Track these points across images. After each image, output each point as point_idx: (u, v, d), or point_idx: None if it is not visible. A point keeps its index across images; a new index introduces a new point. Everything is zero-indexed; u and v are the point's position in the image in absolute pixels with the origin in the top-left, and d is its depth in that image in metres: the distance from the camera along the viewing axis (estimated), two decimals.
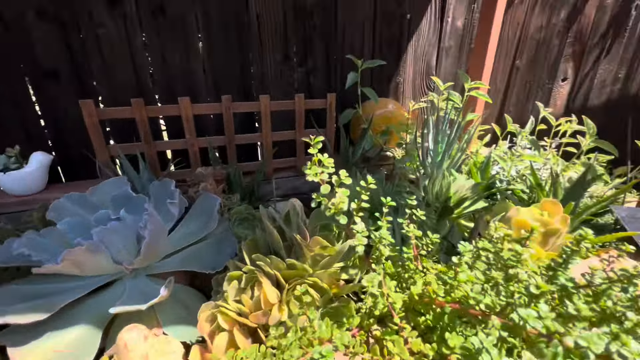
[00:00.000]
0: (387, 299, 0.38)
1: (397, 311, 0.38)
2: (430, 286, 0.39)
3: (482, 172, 0.95)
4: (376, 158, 1.07)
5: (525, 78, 1.50)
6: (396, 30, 1.17)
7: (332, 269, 0.43)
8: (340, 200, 0.36)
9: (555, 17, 1.42)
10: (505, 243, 0.43)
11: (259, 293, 0.40)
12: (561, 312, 0.33)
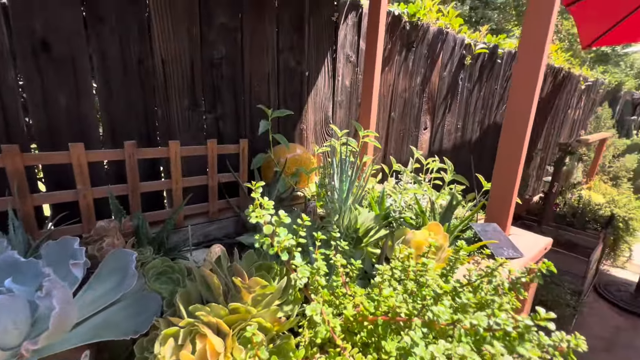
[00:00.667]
0: (329, 324, 0.42)
1: (337, 334, 0.43)
2: (362, 306, 0.45)
3: (380, 205, 1.12)
4: (289, 198, 1.13)
5: (399, 127, 1.86)
6: (298, 85, 1.32)
7: (273, 307, 0.45)
8: (286, 238, 0.39)
9: (414, 81, 1.84)
10: (411, 260, 0.54)
11: (202, 345, 0.38)
12: (456, 305, 0.43)
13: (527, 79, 0.88)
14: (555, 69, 3.42)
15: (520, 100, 0.90)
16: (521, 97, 0.89)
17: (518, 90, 0.90)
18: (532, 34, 0.86)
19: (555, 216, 3.06)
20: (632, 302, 2.44)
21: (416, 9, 1.62)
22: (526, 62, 0.87)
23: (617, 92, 6.05)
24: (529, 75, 0.87)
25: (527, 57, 0.87)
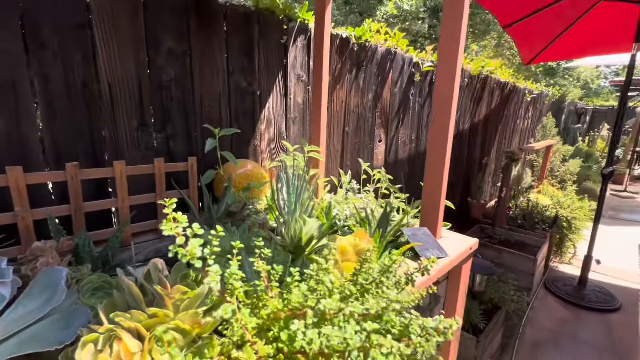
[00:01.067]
0: (240, 322, 0.48)
1: (249, 330, 0.48)
2: (272, 305, 0.51)
3: (327, 215, 1.19)
4: (240, 212, 1.18)
5: (354, 140, 1.97)
6: (250, 104, 1.39)
7: (191, 311, 0.50)
8: (193, 247, 0.45)
9: (366, 98, 1.97)
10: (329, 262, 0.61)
11: (119, 347, 0.42)
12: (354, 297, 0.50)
13: (445, 95, 1.00)
14: (502, 83, 3.73)
15: (441, 114, 1.01)
16: (441, 112, 1.01)
17: (438, 106, 1.01)
18: (446, 53, 0.98)
19: (508, 219, 3.28)
20: (575, 294, 2.66)
21: (362, 32, 1.75)
22: (443, 81, 0.99)
23: (562, 103, 6.63)
24: (447, 92, 0.99)
25: (443, 76, 0.99)
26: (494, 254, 2.74)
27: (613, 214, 5.13)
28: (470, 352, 1.64)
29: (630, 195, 6.13)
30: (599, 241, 3.91)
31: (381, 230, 0.98)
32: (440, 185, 1.03)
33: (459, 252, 0.99)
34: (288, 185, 1.14)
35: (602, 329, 2.32)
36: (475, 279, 1.77)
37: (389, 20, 6.92)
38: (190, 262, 0.47)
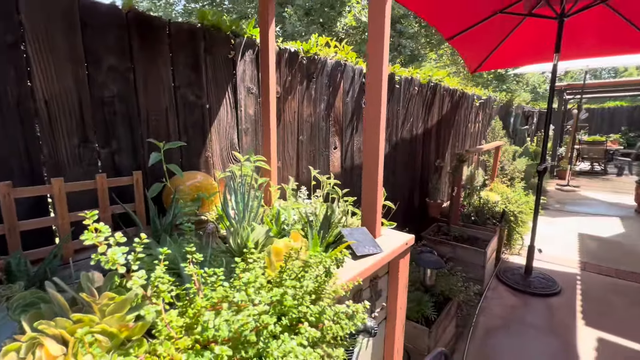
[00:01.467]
0: (165, 322, 0.52)
1: (174, 328, 0.53)
2: (198, 303, 0.55)
3: (276, 221, 1.24)
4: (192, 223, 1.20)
5: (309, 148, 2.05)
6: (199, 117, 1.43)
7: (119, 314, 0.53)
8: (113, 253, 0.49)
9: (318, 107, 2.06)
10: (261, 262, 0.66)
11: (41, 353, 0.44)
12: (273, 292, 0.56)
13: (375, 104, 1.09)
14: (451, 90, 4.01)
15: (371, 122, 1.11)
16: (372, 123, 1.11)
17: (369, 114, 1.11)
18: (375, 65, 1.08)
19: (462, 216, 3.51)
20: (522, 282, 2.89)
21: (309, 47, 1.85)
22: (373, 89, 1.09)
23: (509, 107, 7.18)
24: (376, 101, 1.09)
25: (372, 86, 1.10)
26: (449, 250, 2.92)
27: (559, 206, 5.60)
28: (423, 342, 1.74)
29: (572, 189, 6.73)
30: (546, 231, 4.28)
31: (322, 232, 1.06)
32: (376, 189, 1.12)
33: (395, 247, 1.08)
34: (237, 195, 1.19)
35: (546, 312, 2.54)
36: (426, 274, 1.89)
37: (348, 31, 7.18)
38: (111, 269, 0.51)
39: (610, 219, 4.77)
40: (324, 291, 0.66)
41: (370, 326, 0.94)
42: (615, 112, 12.37)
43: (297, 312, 0.57)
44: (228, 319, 0.43)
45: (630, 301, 2.65)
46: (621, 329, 2.29)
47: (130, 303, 0.55)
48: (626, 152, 8.84)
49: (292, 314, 0.57)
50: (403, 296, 1.20)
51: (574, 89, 7.76)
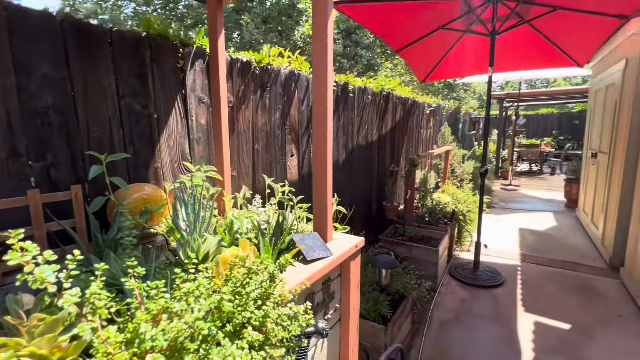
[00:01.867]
0: (100, 338, 0.51)
1: (112, 345, 0.52)
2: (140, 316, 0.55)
3: (229, 230, 1.24)
4: (138, 237, 1.16)
5: (265, 157, 2.06)
6: (146, 127, 1.39)
7: (49, 335, 0.51)
8: (40, 272, 0.47)
9: (273, 116, 2.09)
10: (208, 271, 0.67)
11: None
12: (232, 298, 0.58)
13: (321, 113, 1.15)
14: (403, 98, 4.24)
15: (318, 130, 1.16)
16: (319, 128, 1.16)
17: (317, 123, 1.17)
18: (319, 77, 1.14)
19: (417, 217, 3.71)
20: (471, 276, 3.12)
21: (262, 57, 1.88)
22: (318, 99, 1.15)
23: (458, 114, 7.74)
24: (322, 110, 1.15)
25: (318, 97, 1.15)
26: (405, 250, 3.07)
27: (503, 204, 6.12)
28: (380, 340, 1.82)
29: (514, 188, 7.39)
30: (492, 228, 4.65)
31: (274, 239, 1.08)
32: (326, 195, 1.17)
33: (345, 250, 1.14)
34: (187, 206, 1.17)
35: (491, 302, 2.77)
36: (382, 274, 1.98)
37: (306, 40, 7.32)
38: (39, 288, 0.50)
39: (545, 214, 5.31)
40: (270, 296, 0.68)
41: (321, 327, 0.98)
42: (548, 117, 13.83)
43: (241, 318, 0.59)
44: (164, 328, 0.44)
45: (560, 287, 2.97)
46: (553, 312, 2.56)
47: (63, 323, 0.54)
48: (557, 154, 9.90)
49: (235, 320, 0.59)
50: (355, 297, 1.25)
51: (511, 97, 8.57)
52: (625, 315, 2.50)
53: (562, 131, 13.02)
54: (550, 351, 2.14)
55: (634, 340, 2.22)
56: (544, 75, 7.06)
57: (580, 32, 2.97)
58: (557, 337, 2.28)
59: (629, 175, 3.04)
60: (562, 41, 3.22)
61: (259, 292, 0.66)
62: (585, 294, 2.83)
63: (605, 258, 3.44)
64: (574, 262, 3.47)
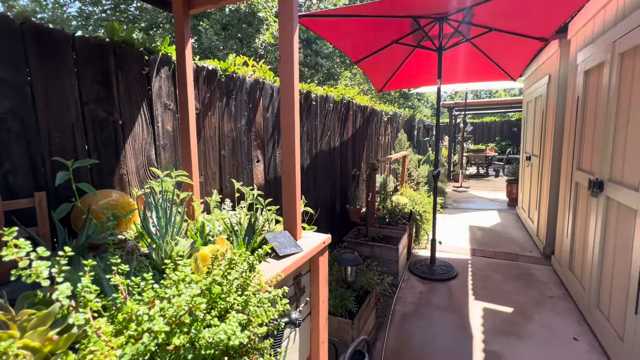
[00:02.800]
0: (93, 327, 0.55)
1: (104, 332, 0.56)
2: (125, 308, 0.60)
3: (201, 233, 1.28)
4: (106, 243, 1.15)
5: (231, 162, 2.10)
6: (110, 133, 1.37)
7: (41, 328, 0.54)
8: (38, 266, 0.50)
9: (239, 123, 2.14)
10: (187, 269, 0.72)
11: None
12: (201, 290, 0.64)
13: (289, 120, 1.24)
14: (363, 107, 4.48)
15: (287, 137, 1.25)
16: (288, 135, 1.25)
17: (284, 129, 1.25)
18: (286, 86, 1.23)
19: (378, 218, 3.91)
20: (428, 271, 3.36)
21: (227, 65, 1.93)
22: (286, 106, 1.24)
23: (412, 121, 8.26)
24: (290, 117, 1.24)
25: (286, 102, 1.24)
26: (368, 249, 3.23)
27: (455, 205, 6.61)
28: (348, 334, 1.92)
29: (464, 189, 8.02)
30: (446, 226, 5.03)
31: (247, 239, 1.14)
32: (295, 196, 1.26)
33: (314, 246, 1.23)
34: (157, 211, 1.19)
35: (447, 294, 3.01)
36: (347, 271, 2.09)
37: (267, 48, 7.39)
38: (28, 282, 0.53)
39: (491, 212, 5.84)
40: (249, 286, 0.75)
41: (295, 318, 1.06)
42: (491, 125, 15.19)
43: (225, 303, 0.65)
44: (162, 306, 0.49)
45: (504, 276, 3.32)
46: (498, 298, 2.86)
47: (54, 317, 0.56)
48: (500, 158, 10.91)
49: (220, 304, 0.65)
50: (324, 290, 1.35)
51: (459, 106, 9.33)
52: (555, 296, 2.86)
53: (503, 137, 14.37)
54: (497, 332, 2.39)
55: (562, 317, 2.56)
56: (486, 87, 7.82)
57: (512, 50, 3.39)
58: (502, 319, 2.56)
59: (555, 175, 3.51)
60: (498, 58, 3.65)
61: (240, 282, 0.73)
62: (524, 281, 3.19)
63: (540, 248, 3.90)
64: (515, 253, 3.89)
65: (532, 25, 2.80)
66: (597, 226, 2.27)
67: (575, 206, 2.79)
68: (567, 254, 2.95)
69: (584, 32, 2.74)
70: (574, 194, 2.80)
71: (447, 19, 3.01)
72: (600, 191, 2.22)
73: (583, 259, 2.57)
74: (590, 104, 2.54)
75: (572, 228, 2.84)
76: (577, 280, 2.71)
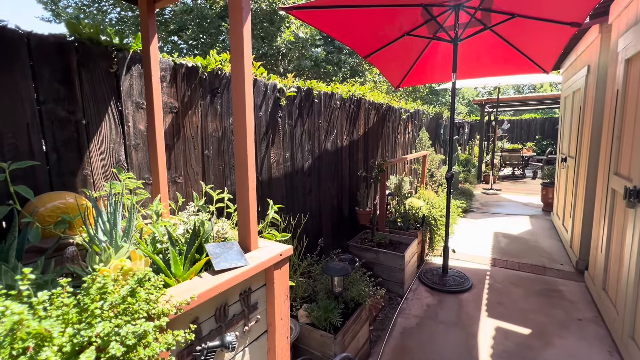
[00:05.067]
0: None
1: None
2: None
3: (152, 240, 1.20)
4: (53, 247, 1.12)
5: (217, 163, 2.03)
6: (73, 133, 1.35)
7: None
8: None
9: (226, 122, 2.06)
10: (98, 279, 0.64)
11: None
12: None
13: (241, 119, 1.13)
14: (377, 104, 4.26)
15: (239, 135, 1.14)
16: (239, 133, 1.14)
17: (236, 127, 1.14)
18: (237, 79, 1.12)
19: (389, 222, 3.69)
20: (439, 282, 3.11)
21: (208, 62, 1.86)
22: (237, 103, 1.13)
23: (440, 119, 7.82)
24: (242, 116, 1.12)
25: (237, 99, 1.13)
26: (373, 256, 3.05)
27: (482, 208, 6.15)
28: (330, 349, 1.78)
29: (495, 192, 7.46)
30: (468, 232, 4.67)
31: (188, 248, 1.05)
32: (248, 203, 1.14)
33: (265, 259, 1.11)
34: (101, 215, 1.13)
35: (456, 308, 2.75)
36: (334, 281, 1.95)
37: (287, 45, 7.33)
38: None
39: (521, 218, 5.35)
40: (136, 312, 0.65)
41: (228, 341, 0.95)
42: (531, 122, 14.07)
43: (80, 338, 0.55)
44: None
45: (525, 291, 2.98)
46: (514, 317, 2.56)
47: None
48: (539, 158, 10.05)
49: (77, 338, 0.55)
50: (283, 307, 1.22)
51: (491, 102, 8.70)
52: (585, 319, 2.50)
53: (545, 136, 13.25)
54: (507, 356, 2.13)
55: (590, 344, 2.22)
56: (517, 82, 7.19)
57: (542, 39, 3.02)
58: (516, 342, 2.28)
59: (591, 180, 3.08)
60: (527, 48, 3.28)
61: (122, 308, 0.63)
62: (549, 298, 2.84)
63: (572, 262, 3.47)
64: (543, 265, 3.49)
65: (563, 8, 2.45)
66: (634, 242, 1.93)
67: (612, 217, 2.41)
68: (601, 271, 2.57)
69: (626, 14, 2.34)
70: (610, 203, 2.42)
71: (462, 6, 2.73)
72: (638, 201, 1.87)
73: (618, 278, 2.21)
74: (630, 98, 2.17)
75: (607, 242, 2.46)
76: (610, 302, 2.34)
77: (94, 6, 9.72)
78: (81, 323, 0.57)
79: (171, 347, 0.65)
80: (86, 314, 0.58)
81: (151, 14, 1.42)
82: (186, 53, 8.97)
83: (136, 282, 0.66)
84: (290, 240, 2.46)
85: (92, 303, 0.59)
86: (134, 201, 1.26)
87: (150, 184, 1.61)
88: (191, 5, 7.91)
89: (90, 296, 0.60)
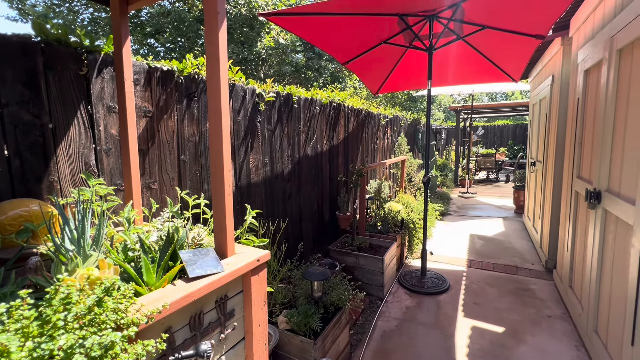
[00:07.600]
0: None
1: None
2: None
3: (123, 248, 1.16)
4: (14, 258, 1.06)
5: (193, 168, 1.99)
6: (38, 138, 1.29)
7: None
8: None
9: (203, 126, 2.03)
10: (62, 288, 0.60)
11: None
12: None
13: (217, 124, 1.12)
14: (356, 110, 4.32)
15: (214, 140, 1.13)
16: (216, 139, 1.13)
17: (211, 131, 1.13)
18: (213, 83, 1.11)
19: (369, 226, 3.74)
20: (418, 284, 3.17)
21: (184, 66, 1.83)
22: (213, 103, 1.12)
23: (417, 125, 8.03)
24: (217, 121, 1.12)
25: (212, 104, 1.12)
26: (353, 260, 3.07)
27: (459, 211, 6.34)
28: (310, 355, 1.77)
29: (471, 195, 7.71)
30: (446, 235, 4.79)
31: (161, 255, 1.02)
32: (224, 208, 1.13)
33: (241, 265, 1.09)
34: (68, 223, 1.09)
35: (434, 309, 2.81)
36: (313, 286, 1.95)
37: (268, 51, 7.33)
38: None
39: (496, 220, 5.56)
40: (104, 322, 0.63)
41: (203, 350, 0.93)
42: (504, 129, 14.71)
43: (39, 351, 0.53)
44: None
45: (499, 290, 3.09)
46: (489, 316, 2.65)
47: None
48: (511, 163, 10.50)
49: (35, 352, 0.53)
50: (261, 313, 1.21)
51: (466, 109, 9.03)
52: (554, 316, 2.62)
53: (517, 141, 13.87)
54: (484, 355, 2.19)
55: (558, 340, 2.33)
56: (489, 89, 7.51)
57: (510, 50, 3.18)
58: (491, 340, 2.35)
59: (557, 183, 3.26)
60: (497, 58, 3.44)
61: (88, 319, 0.60)
62: (521, 297, 2.95)
63: (542, 261, 3.64)
64: (515, 265, 3.64)
65: (528, 21, 2.60)
66: (595, 241, 2.05)
67: (576, 218, 2.56)
68: (567, 270, 2.71)
69: (584, 28, 2.52)
70: (574, 205, 2.57)
71: (436, 17, 2.84)
72: (598, 203, 2.00)
73: (582, 276, 2.34)
74: (589, 106, 2.32)
75: (572, 241, 2.60)
76: (576, 299, 2.47)
77: (64, 5, 9.35)
78: (42, 336, 0.54)
79: (140, 357, 0.63)
80: (48, 326, 0.55)
81: (124, 16, 1.39)
82: (163, 56, 8.78)
83: (103, 291, 0.64)
84: (269, 246, 2.44)
85: (54, 314, 0.56)
86: (104, 208, 1.21)
87: (123, 190, 1.56)
88: (169, 9, 7.77)
89: (52, 307, 0.58)
